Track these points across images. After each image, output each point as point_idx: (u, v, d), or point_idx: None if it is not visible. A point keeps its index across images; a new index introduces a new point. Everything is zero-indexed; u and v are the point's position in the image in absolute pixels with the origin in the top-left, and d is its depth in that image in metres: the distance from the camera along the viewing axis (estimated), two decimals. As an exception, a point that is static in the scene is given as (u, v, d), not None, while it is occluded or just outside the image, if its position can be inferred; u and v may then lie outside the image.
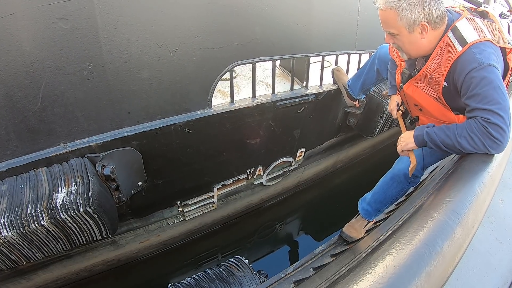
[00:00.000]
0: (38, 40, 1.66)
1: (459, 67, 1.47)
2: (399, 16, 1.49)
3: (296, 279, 2.06)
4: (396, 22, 1.52)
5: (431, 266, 0.92)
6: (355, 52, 3.05)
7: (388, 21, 1.56)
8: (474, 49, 1.43)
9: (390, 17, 1.53)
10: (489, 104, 1.39)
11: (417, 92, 1.76)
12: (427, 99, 1.73)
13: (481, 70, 1.40)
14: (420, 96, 1.76)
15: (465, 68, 1.43)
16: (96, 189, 1.80)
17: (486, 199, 1.29)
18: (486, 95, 1.39)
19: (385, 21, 1.58)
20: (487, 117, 1.39)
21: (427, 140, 1.59)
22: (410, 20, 1.48)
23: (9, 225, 1.64)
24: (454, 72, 1.49)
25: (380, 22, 1.62)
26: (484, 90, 1.39)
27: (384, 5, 1.52)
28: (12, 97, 1.71)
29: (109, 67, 1.87)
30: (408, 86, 1.80)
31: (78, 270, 2.69)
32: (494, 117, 1.37)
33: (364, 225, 2.31)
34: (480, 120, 1.41)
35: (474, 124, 1.43)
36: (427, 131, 1.59)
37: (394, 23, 1.53)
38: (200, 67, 2.17)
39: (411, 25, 1.50)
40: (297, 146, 3.19)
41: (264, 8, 2.27)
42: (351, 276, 0.91)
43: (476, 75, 1.41)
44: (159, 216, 2.80)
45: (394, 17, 1.51)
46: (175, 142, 2.30)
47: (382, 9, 1.55)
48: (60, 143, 1.93)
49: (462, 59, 1.45)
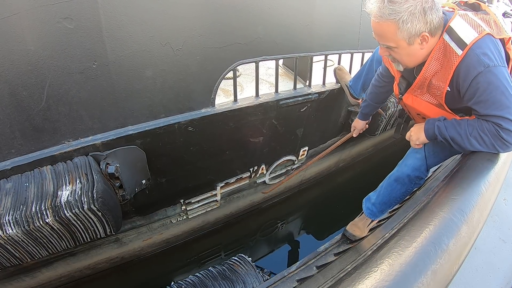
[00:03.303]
0: (42, 40, 1.67)
1: (463, 72, 1.38)
2: (399, 30, 1.36)
3: (299, 278, 2.05)
4: (396, 35, 1.39)
5: (437, 264, 0.92)
6: (358, 51, 3.05)
7: (386, 35, 1.42)
8: (476, 49, 1.34)
9: (388, 30, 1.39)
10: (499, 110, 1.35)
11: (417, 101, 1.70)
12: (429, 107, 1.67)
13: (488, 74, 1.32)
14: (420, 105, 1.70)
15: (470, 72, 1.35)
16: (100, 187, 1.81)
17: (491, 198, 1.28)
18: (494, 101, 1.34)
19: (381, 35, 1.44)
20: (499, 123, 1.36)
21: (437, 134, 1.56)
22: (411, 32, 1.36)
23: (14, 222, 1.65)
24: (458, 77, 1.41)
25: (374, 35, 1.48)
26: (492, 96, 1.34)
27: (381, 18, 1.37)
28: (17, 96, 1.71)
29: (113, 66, 1.88)
30: (407, 97, 1.73)
31: (82, 268, 2.70)
32: (505, 123, 1.35)
33: (367, 223, 2.31)
34: (491, 124, 1.39)
35: (486, 125, 1.40)
36: (438, 125, 1.55)
37: (392, 37, 1.40)
38: (203, 66, 2.17)
39: (411, 37, 1.38)
40: (300, 144, 3.19)
41: (267, 7, 2.27)
42: (357, 274, 0.91)
43: (482, 80, 1.33)
44: (162, 214, 2.81)
45: (393, 30, 1.38)
46: (179, 141, 2.31)
47: (378, 22, 1.40)
48: (65, 141, 1.93)
49: (465, 62, 1.36)
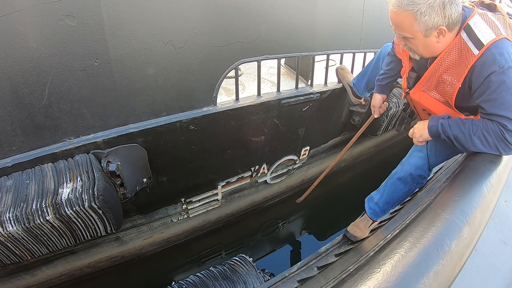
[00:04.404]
0: (44, 37, 1.67)
1: (477, 70, 1.38)
2: (416, 21, 1.36)
3: (300, 278, 2.05)
4: (412, 27, 1.39)
5: (439, 265, 0.92)
6: (360, 51, 3.04)
7: (403, 25, 1.42)
8: (493, 49, 1.34)
9: (405, 21, 1.39)
10: (507, 110, 1.35)
11: (424, 97, 1.70)
12: (436, 104, 1.67)
13: (501, 74, 1.32)
14: (427, 101, 1.69)
15: (485, 70, 1.35)
16: (101, 185, 1.81)
17: (493, 199, 1.28)
18: (504, 101, 1.35)
19: (398, 25, 1.44)
20: (505, 124, 1.36)
21: (441, 132, 1.55)
22: (428, 25, 1.36)
23: (14, 220, 1.65)
24: (472, 74, 1.41)
25: (391, 24, 1.48)
26: (502, 96, 1.34)
27: (399, 8, 1.37)
28: (18, 93, 1.71)
29: (115, 64, 1.87)
30: (415, 92, 1.73)
31: (82, 266, 2.70)
32: (510, 124, 1.35)
33: (369, 224, 2.30)
34: (496, 124, 1.38)
35: (490, 125, 1.40)
36: (442, 123, 1.54)
37: (409, 28, 1.40)
38: (205, 65, 2.16)
39: (428, 30, 1.38)
40: (301, 144, 3.19)
41: (269, 6, 2.27)
42: (359, 275, 0.91)
43: (495, 79, 1.33)
44: (163, 213, 2.81)
45: (411, 21, 1.37)
46: (180, 139, 2.30)
47: (396, 12, 1.39)
48: (66, 139, 1.93)
49: (481, 61, 1.36)
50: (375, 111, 2.35)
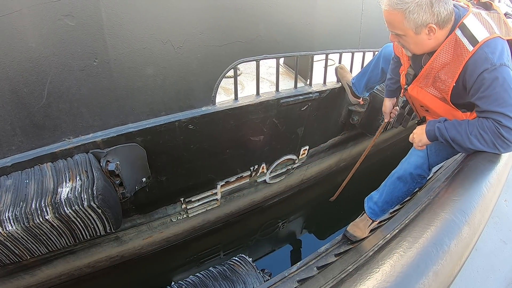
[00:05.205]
0: (44, 37, 1.67)
1: (470, 67, 1.41)
2: (405, 19, 1.42)
3: (300, 278, 2.05)
4: (403, 24, 1.45)
5: (439, 265, 0.92)
6: (358, 51, 3.04)
7: (394, 23, 1.48)
8: (485, 48, 1.37)
9: (395, 19, 1.45)
10: (500, 106, 1.37)
11: (421, 93, 1.73)
12: (433, 100, 1.70)
13: (494, 71, 1.35)
14: (425, 97, 1.73)
15: (477, 68, 1.39)
16: (101, 184, 1.81)
17: (493, 199, 1.28)
18: (497, 97, 1.37)
19: (390, 23, 1.51)
20: (499, 120, 1.37)
21: (438, 135, 1.58)
22: (417, 23, 1.41)
23: (13, 219, 1.64)
24: (466, 72, 1.44)
25: (385, 22, 1.55)
26: (496, 92, 1.36)
27: (390, 6, 1.44)
28: (17, 93, 1.71)
29: (114, 64, 1.87)
30: (413, 88, 1.76)
31: (82, 266, 2.70)
32: (505, 120, 1.36)
33: (368, 224, 2.30)
34: (491, 121, 1.40)
35: (486, 123, 1.41)
36: (438, 127, 1.57)
37: (400, 25, 1.46)
38: (204, 64, 2.16)
39: (418, 27, 1.43)
40: (300, 144, 3.19)
41: (268, 5, 2.27)
42: (358, 275, 0.90)
43: (488, 76, 1.36)
44: (162, 213, 2.81)
45: (400, 19, 1.44)
46: (179, 139, 2.30)
47: (387, 10, 1.47)
48: (65, 138, 1.93)
49: (474, 59, 1.40)
50: (386, 116, 2.37)
